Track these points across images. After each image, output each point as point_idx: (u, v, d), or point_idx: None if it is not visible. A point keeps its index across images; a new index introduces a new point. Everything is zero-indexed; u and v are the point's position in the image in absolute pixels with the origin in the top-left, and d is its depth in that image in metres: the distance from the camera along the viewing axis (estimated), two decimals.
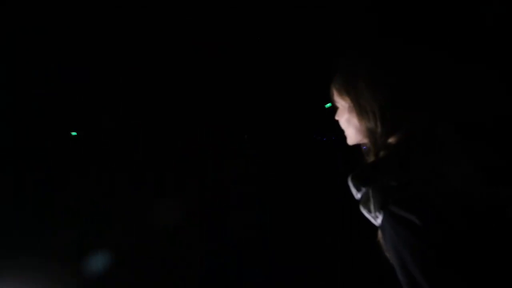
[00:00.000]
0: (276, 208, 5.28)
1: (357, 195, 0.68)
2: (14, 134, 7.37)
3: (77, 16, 6.32)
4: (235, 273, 3.29)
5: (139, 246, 3.70)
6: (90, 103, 8.56)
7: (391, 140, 0.72)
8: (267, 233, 4.31)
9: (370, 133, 0.74)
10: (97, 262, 3.11)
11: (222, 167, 9.57)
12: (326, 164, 10.39)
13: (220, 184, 7.56)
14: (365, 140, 0.77)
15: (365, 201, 0.66)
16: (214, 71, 9.57)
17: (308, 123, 13.69)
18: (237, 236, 4.23)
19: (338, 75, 0.79)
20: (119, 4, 6.37)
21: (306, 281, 3.09)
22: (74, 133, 9.27)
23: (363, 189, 0.66)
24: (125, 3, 6.43)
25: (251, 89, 11.09)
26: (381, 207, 0.63)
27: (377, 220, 0.65)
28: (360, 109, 0.74)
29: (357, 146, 0.83)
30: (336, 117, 0.83)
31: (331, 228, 4.37)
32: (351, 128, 0.79)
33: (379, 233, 0.72)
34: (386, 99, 0.72)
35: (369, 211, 0.65)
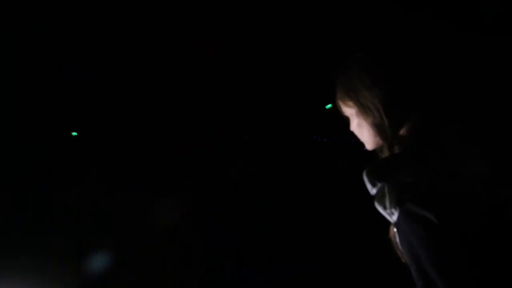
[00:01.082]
0: (276, 208, 5.29)
1: (372, 191, 0.68)
2: (14, 134, 7.38)
3: (77, 16, 6.32)
4: (235, 273, 3.29)
5: (139, 246, 3.71)
6: (90, 103, 8.56)
7: (402, 132, 0.73)
8: (267, 233, 4.31)
9: (378, 128, 0.75)
10: (97, 262, 3.11)
11: (222, 167, 9.58)
12: (326, 164, 10.40)
13: (220, 185, 7.56)
14: (378, 139, 0.77)
15: (380, 197, 0.66)
16: (214, 71, 9.58)
17: (308, 123, 13.70)
18: (237, 236, 4.23)
19: (338, 86, 0.81)
20: (119, 4, 6.37)
21: (306, 281, 3.09)
22: (74, 133, 9.28)
23: (379, 185, 0.66)
24: (125, 3, 6.44)
25: (251, 89, 11.10)
26: (397, 203, 0.62)
27: (392, 216, 0.64)
28: (363, 108, 0.76)
29: (359, 147, 0.83)
30: (351, 128, 0.84)
31: (331, 228, 4.38)
32: (364, 131, 0.80)
33: (391, 230, 0.72)
34: (385, 95, 0.73)
35: (384, 208, 0.65)
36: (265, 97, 11.82)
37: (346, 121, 0.85)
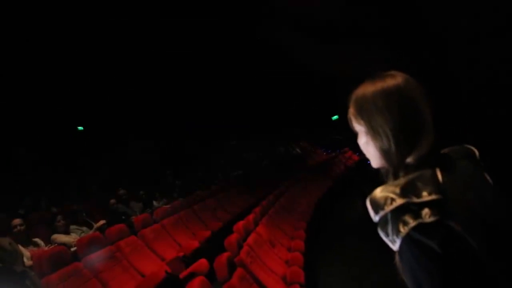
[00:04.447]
0: (274, 215, 5.28)
1: (375, 218, 0.68)
2: (20, 132, 7.40)
3: (79, 16, 6.35)
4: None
5: (139, 243, 3.71)
6: (93, 101, 8.58)
7: (409, 160, 0.73)
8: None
9: (385, 154, 0.75)
10: (97, 260, 3.10)
11: (222, 172, 9.58)
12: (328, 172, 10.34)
13: (220, 187, 7.55)
14: (383, 162, 0.77)
15: (383, 224, 0.66)
16: (216, 72, 9.59)
17: (312, 134, 13.67)
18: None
19: (352, 101, 0.81)
20: (119, 5, 6.39)
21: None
22: (80, 128, 9.33)
23: (381, 212, 0.66)
24: (126, 3, 6.46)
25: (251, 94, 11.12)
26: (399, 231, 0.63)
27: (394, 244, 0.65)
28: (373, 132, 0.76)
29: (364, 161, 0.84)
30: (358, 141, 0.85)
31: (330, 245, 4.36)
32: (371, 150, 0.80)
33: (396, 255, 0.72)
34: (396, 122, 0.73)
35: (387, 235, 0.65)
36: (266, 102, 11.83)
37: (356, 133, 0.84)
